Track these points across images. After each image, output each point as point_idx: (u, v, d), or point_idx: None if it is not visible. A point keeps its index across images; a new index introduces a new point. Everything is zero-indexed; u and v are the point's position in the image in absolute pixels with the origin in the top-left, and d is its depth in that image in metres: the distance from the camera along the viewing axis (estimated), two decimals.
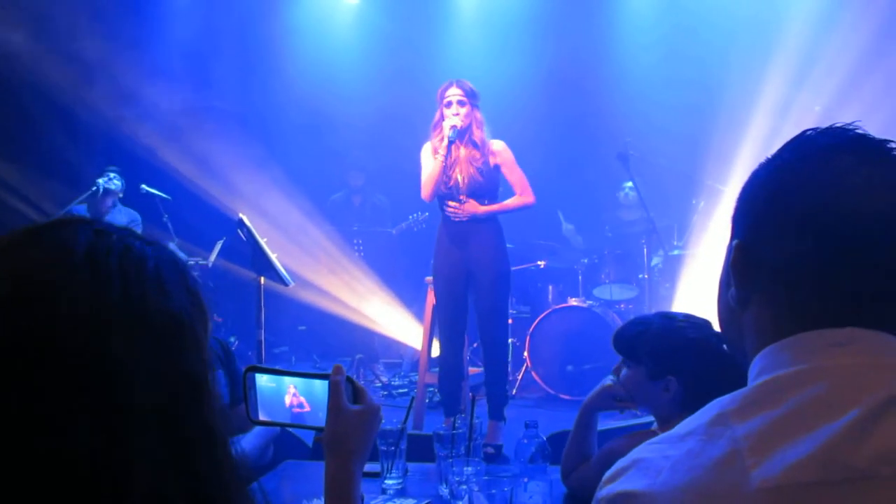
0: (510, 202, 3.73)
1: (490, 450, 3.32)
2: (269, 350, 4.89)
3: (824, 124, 0.73)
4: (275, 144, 6.00)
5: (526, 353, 4.93)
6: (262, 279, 3.35)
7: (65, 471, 0.49)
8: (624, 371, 1.64)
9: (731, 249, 0.76)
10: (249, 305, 4.11)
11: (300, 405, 1.09)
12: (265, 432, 2.07)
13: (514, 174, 3.69)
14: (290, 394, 1.09)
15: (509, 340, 5.19)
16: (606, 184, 5.82)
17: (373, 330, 5.63)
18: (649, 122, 5.61)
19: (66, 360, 0.51)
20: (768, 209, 0.72)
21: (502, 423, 3.64)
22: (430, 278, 4.06)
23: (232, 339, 5.22)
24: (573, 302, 5.00)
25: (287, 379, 1.09)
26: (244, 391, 1.08)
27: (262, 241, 3.22)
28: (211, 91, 6.00)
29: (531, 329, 4.92)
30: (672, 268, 5.18)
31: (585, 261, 5.36)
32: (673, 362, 1.51)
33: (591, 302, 5.05)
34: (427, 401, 4.48)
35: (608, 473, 0.71)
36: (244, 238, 3.27)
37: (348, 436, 1.03)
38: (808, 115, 4.61)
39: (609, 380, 1.69)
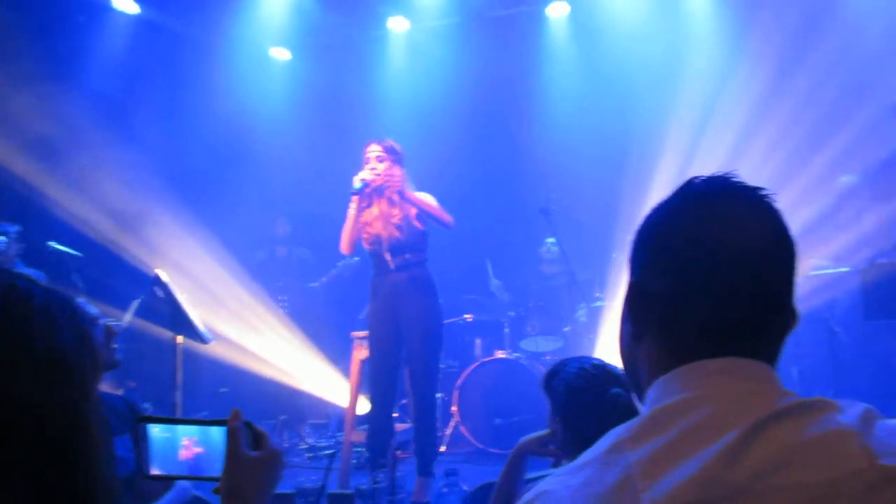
0: (430, 204, 3.72)
1: None
2: (188, 414, 4.67)
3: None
4: (195, 198, 5.87)
5: (454, 408, 4.91)
6: (180, 338, 3.24)
7: None
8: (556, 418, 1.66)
9: (627, 288, 0.82)
10: (167, 368, 3.95)
11: (196, 455, 1.04)
12: (179, 497, 1.97)
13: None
14: (185, 444, 1.03)
15: (437, 395, 5.18)
16: (530, 238, 5.97)
17: (299, 389, 5.48)
18: (571, 176, 5.82)
19: None
20: (654, 249, 0.78)
21: (431, 480, 3.57)
22: (356, 333, 4.03)
23: (146, 406, 4.96)
24: (500, 354, 5.04)
25: (181, 428, 1.04)
26: (135, 445, 1.03)
27: (181, 298, 3.12)
28: (130, 144, 5.87)
29: (459, 382, 4.92)
30: (595, 319, 5.31)
31: (512, 313, 5.43)
32: (581, 413, 1.55)
33: (517, 354, 5.09)
34: (354, 461, 4.37)
35: None
36: (161, 295, 3.17)
37: (247, 485, 0.98)
38: (710, 165, 4.91)
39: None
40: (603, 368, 1.61)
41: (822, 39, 4.93)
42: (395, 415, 4.96)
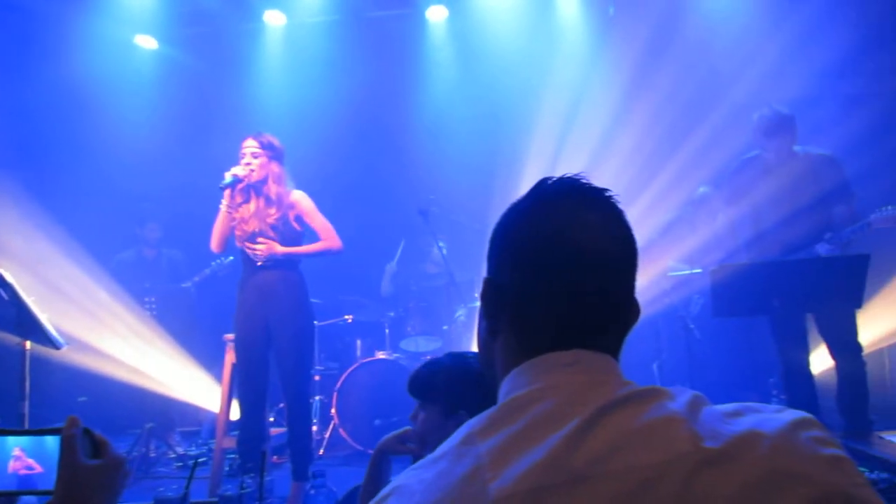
0: (313, 246, 3.71)
1: None
2: (41, 426, 4.30)
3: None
4: (48, 193, 5.42)
5: (333, 410, 4.85)
6: (28, 343, 2.98)
7: None
8: (421, 414, 1.67)
9: (483, 285, 0.84)
10: (14, 377, 3.61)
11: (29, 468, 0.96)
12: None
13: (316, 221, 3.70)
14: (16, 455, 0.96)
15: (316, 398, 5.10)
16: (410, 238, 5.99)
17: (168, 396, 5.19)
18: (449, 178, 5.91)
19: None
20: (506, 247, 0.81)
21: (307, 484, 3.52)
22: (228, 336, 3.88)
23: None
24: (380, 355, 5.03)
25: (11, 440, 0.97)
26: None
27: (28, 301, 2.87)
28: None
29: (338, 385, 4.86)
30: (473, 319, 5.43)
31: (392, 314, 5.44)
32: (464, 396, 1.57)
33: (397, 354, 5.11)
34: (228, 468, 4.21)
35: (371, 503, 0.73)
36: (6, 297, 2.90)
37: (84, 496, 0.92)
38: (573, 168, 5.16)
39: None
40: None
41: (676, 47, 5.32)
42: (271, 419, 4.84)
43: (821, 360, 4.02)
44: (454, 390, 1.60)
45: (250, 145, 3.59)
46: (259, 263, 3.59)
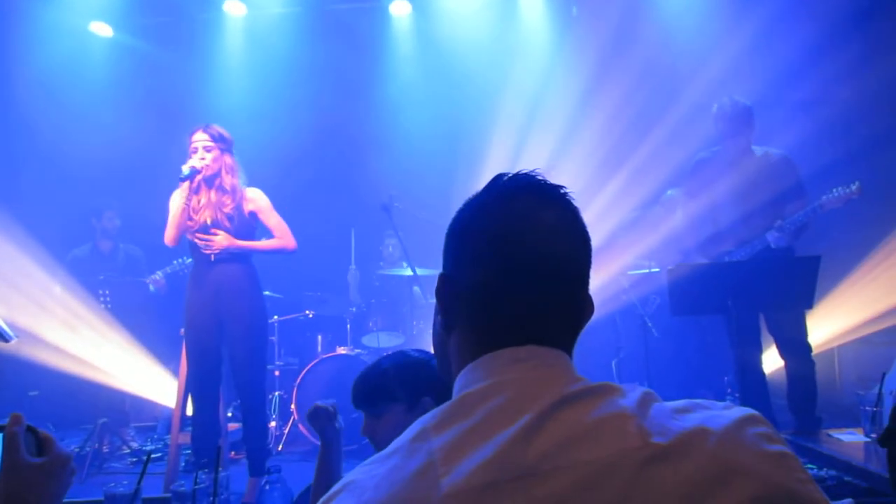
0: (268, 242, 3.67)
1: None
2: None
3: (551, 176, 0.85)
4: (1, 188, 5.26)
5: (293, 406, 4.81)
6: None
7: None
8: (382, 420, 1.61)
9: (438, 280, 0.84)
10: None
11: None
12: None
13: (271, 220, 3.66)
14: None
15: (276, 393, 5.05)
16: (373, 234, 5.96)
17: (123, 391, 5.07)
18: (412, 173, 5.90)
19: None
20: (460, 242, 0.82)
21: (263, 479, 3.48)
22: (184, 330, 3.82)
23: None
24: (341, 350, 5.00)
25: None
26: None
27: None
28: None
29: (298, 380, 4.82)
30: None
31: (354, 309, 5.41)
32: (423, 383, 1.57)
33: (359, 350, 5.09)
34: (184, 463, 4.15)
35: (322, 499, 0.72)
36: None
37: (27, 494, 0.90)
38: (534, 164, 5.20)
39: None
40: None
41: (637, 46, 5.40)
42: (229, 414, 4.78)
43: (772, 360, 4.12)
44: (409, 381, 1.59)
45: (201, 138, 3.53)
46: (212, 257, 3.53)
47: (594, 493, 0.65)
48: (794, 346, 3.86)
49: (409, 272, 5.00)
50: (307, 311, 5.40)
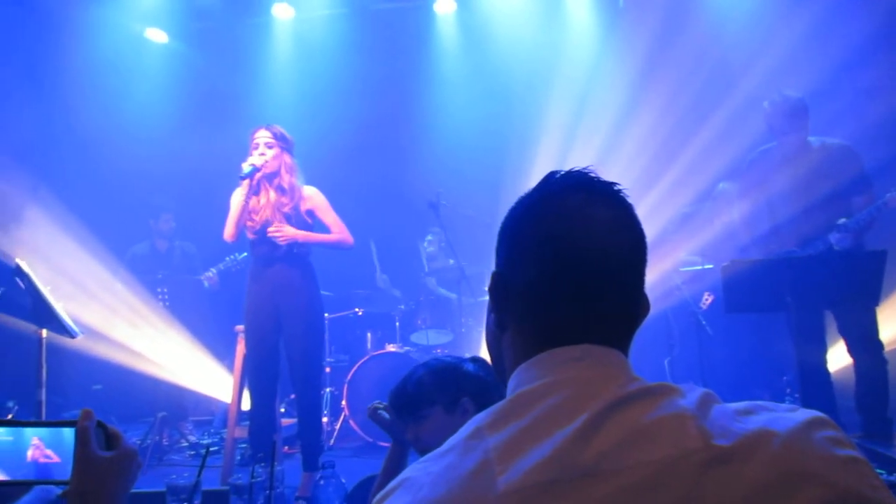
0: (328, 236, 3.73)
1: (302, 502, 3.21)
2: (57, 414, 4.36)
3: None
4: (62, 184, 5.46)
5: (344, 402, 4.87)
6: (44, 332, 3.01)
7: None
8: (423, 425, 1.66)
9: (491, 278, 0.84)
10: (31, 365, 3.67)
11: (47, 457, 0.98)
12: (39, 497, 1.84)
13: (328, 217, 3.72)
14: (34, 446, 0.98)
15: (327, 389, 5.13)
16: (421, 233, 5.99)
17: (181, 386, 5.24)
18: (459, 171, 5.90)
19: None
20: (515, 240, 0.81)
21: (317, 474, 3.54)
22: (240, 327, 3.91)
23: (10, 405, 4.60)
24: (390, 348, 5.05)
25: (30, 430, 0.99)
26: None
27: (44, 290, 2.91)
28: None
29: (349, 377, 4.88)
30: (483, 312, 5.42)
31: (402, 307, 5.45)
32: (458, 384, 1.60)
33: (408, 347, 5.12)
34: (239, 457, 4.25)
35: (379, 495, 0.73)
36: (23, 287, 2.94)
37: (98, 487, 0.94)
38: (584, 161, 5.14)
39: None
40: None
41: (686, 38, 5.26)
42: (282, 410, 4.87)
43: (838, 358, 3.94)
44: (446, 384, 1.63)
45: (263, 136, 3.60)
46: (282, 246, 3.58)
47: (653, 495, 0.64)
48: (865, 344, 3.63)
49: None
50: (357, 309, 5.47)
